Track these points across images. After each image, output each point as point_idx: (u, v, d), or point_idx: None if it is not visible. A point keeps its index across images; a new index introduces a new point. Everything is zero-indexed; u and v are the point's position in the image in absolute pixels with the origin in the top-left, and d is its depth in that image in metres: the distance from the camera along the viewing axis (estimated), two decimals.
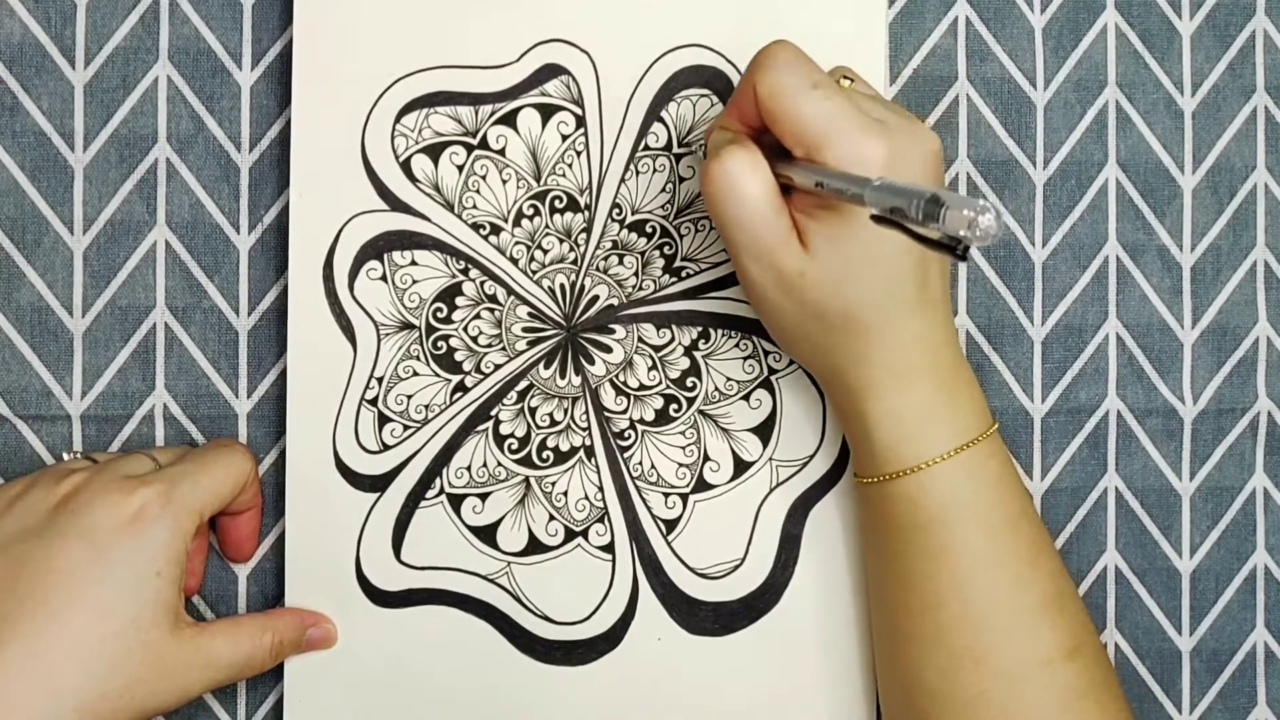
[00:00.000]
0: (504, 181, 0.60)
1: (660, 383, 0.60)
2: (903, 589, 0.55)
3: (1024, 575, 0.54)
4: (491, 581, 0.60)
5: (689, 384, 0.61)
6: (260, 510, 0.59)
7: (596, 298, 0.60)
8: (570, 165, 0.60)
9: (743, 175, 0.51)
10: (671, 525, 0.60)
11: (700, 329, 0.61)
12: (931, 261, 0.53)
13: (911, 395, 0.53)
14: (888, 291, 0.52)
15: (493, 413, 0.60)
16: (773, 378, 0.61)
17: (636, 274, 0.60)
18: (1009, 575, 0.54)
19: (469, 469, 0.60)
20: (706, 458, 0.61)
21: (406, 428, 0.59)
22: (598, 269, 0.60)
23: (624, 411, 0.60)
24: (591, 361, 0.60)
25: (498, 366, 0.60)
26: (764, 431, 0.61)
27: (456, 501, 0.60)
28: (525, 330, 0.60)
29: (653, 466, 0.60)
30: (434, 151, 0.60)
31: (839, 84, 0.53)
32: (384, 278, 0.59)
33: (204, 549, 0.59)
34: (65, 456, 0.59)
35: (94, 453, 0.58)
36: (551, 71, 0.60)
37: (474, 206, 0.60)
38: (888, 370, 0.53)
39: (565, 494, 0.60)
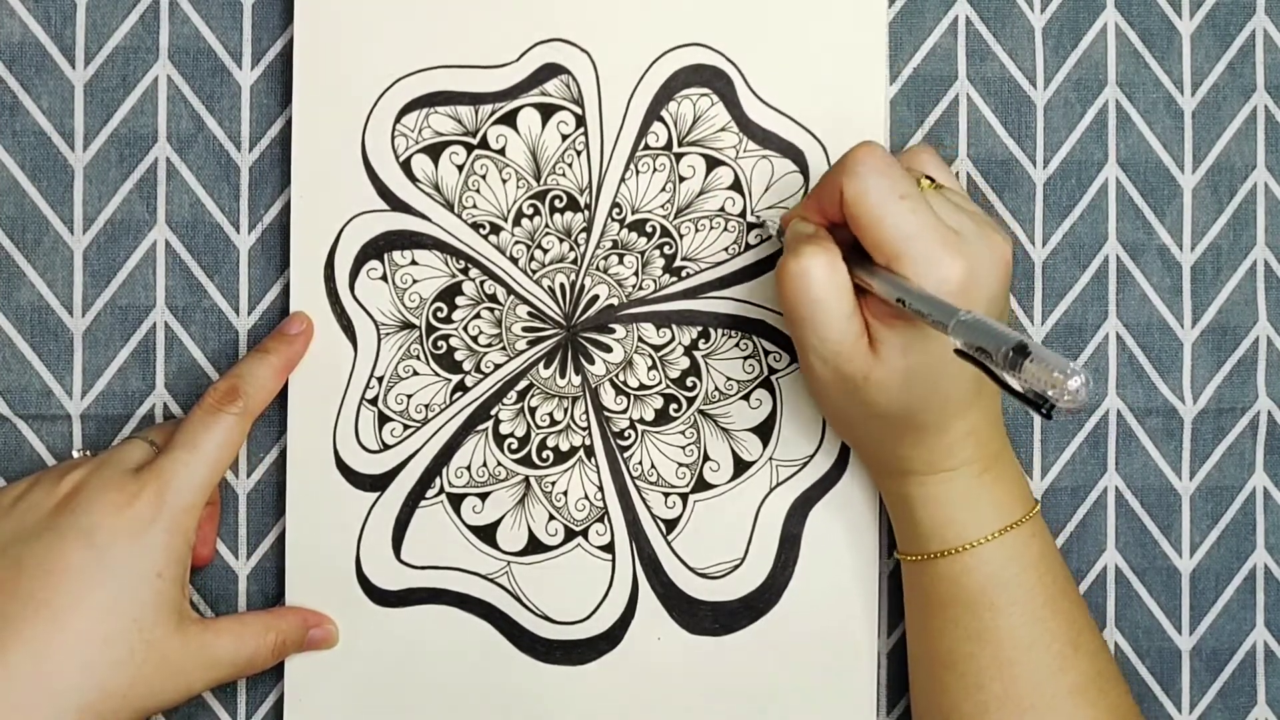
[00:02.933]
0: (504, 181, 0.60)
1: (660, 382, 0.61)
2: (944, 668, 0.55)
3: (1066, 656, 0.54)
4: (491, 581, 0.60)
5: (689, 384, 0.61)
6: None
7: (596, 297, 0.60)
8: (570, 165, 0.60)
9: (820, 278, 0.51)
10: (671, 525, 0.60)
11: (700, 329, 0.61)
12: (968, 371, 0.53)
13: (959, 482, 0.54)
14: (947, 396, 0.53)
15: (493, 412, 0.60)
16: (773, 377, 0.61)
17: (636, 273, 0.60)
18: (1051, 657, 0.54)
19: (469, 468, 0.60)
20: (706, 457, 0.61)
21: (406, 427, 0.60)
22: (598, 268, 0.60)
23: (624, 411, 0.60)
24: (591, 361, 0.60)
25: (498, 366, 0.60)
26: (764, 431, 0.61)
27: (456, 501, 0.60)
28: (525, 330, 0.60)
29: (653, 466, 0.60)
30: (434, 151, 0.60)
31: (920, 186, 0.53)
32: (384, 277, 0.59)
33: (215, 516, 0.59)
34: (74, 454, 0.59)
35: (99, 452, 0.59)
36: (551, 71, 0.60)
37: (474, 206, 0.60)
38: (937, 461, 0.54)
39: (565, 494, 0.60)
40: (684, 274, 0.61)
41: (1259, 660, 0.64)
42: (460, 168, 0.60)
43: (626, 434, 0.60)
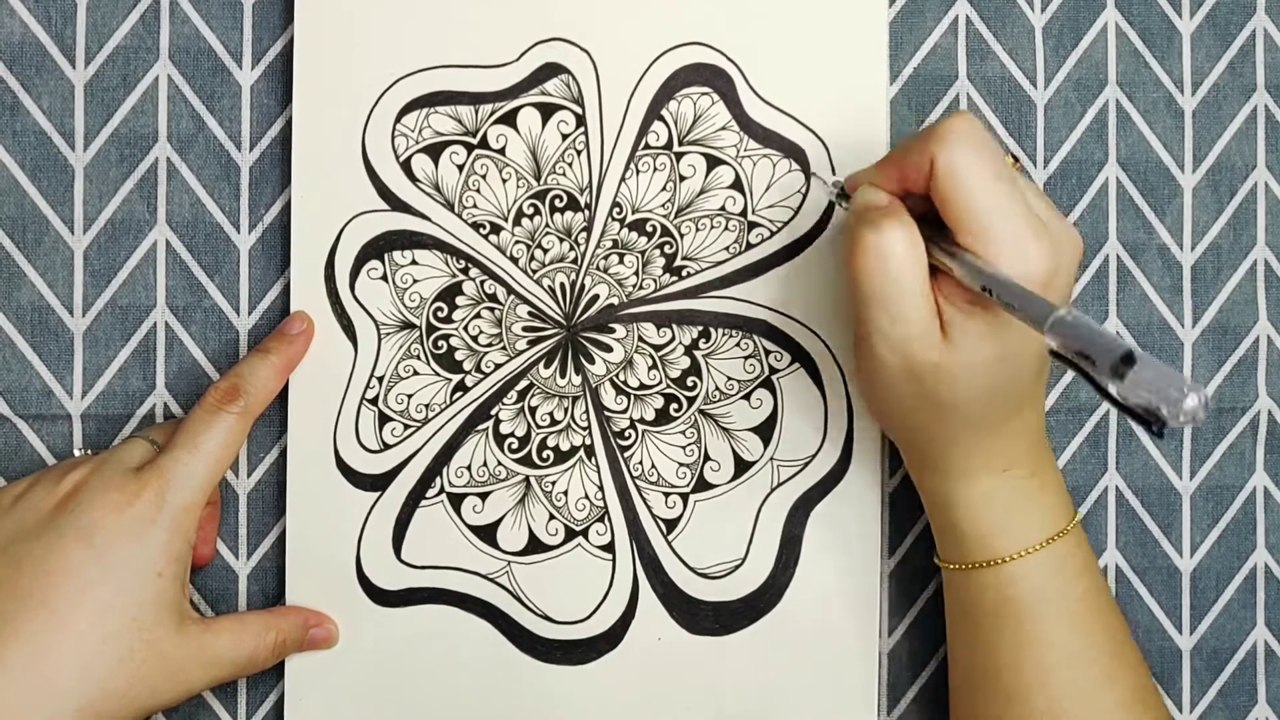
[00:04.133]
0: (504, 181, 0.60)
1: (660, 382, 0.60)
2: (987, 678, 0.54)
3: (1110, 670, 0.53)
4: (492, 581, 0.60)
5: (689, 383, 0.61)
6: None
7: (597, 297, 0.60)
8: (570, 164, 0.60)
9: (900, 255, 0.48)
10: (672, 525, 0.60)
11: (700, 328, 0.61)
12: (1048, 359, 0.51)
13: (1008, 485, 0.53)
14: (1013, 389, 0.51)
15: (493, 412, 0.60)
16: (773, 377, 0.61)
17: (637, 273, 0.60)
18: (1096, 670, 0.53)
19: (469, 468, 0.60)
20: (707, 457, 0.61)
21: (407, 427, 0.60)
22: (598, 268, 0.60)
23: (624, 411, 0.60)
24: (592, 361, 0.60)
25: (498, 366, 0.60)
26: (765, 431, 0.61)
27: (457, 501, 0.60)
28: (525, 329, 0.60)
29: (653, 466, 0.60)
30: (434, 151, 0.60)
31: (1007, 162, 0.50)
32: (384, 277, 0.59)
33: (215, 515, 0.59)
34: (75, 454, 0.59)
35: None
36: (551, 70, 0.60)
37: (474, 206, 0.60)
38: (990, 458, 0.52)
39: (565, 493, 0.60)
40: (684, 273, 0.61)
41: (1259, 659, 0.64)
42: (460, 167, 0.60)
43: (627, 434, 0.60)
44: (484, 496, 0.60)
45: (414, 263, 0.60)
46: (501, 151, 0.60)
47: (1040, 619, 0.53)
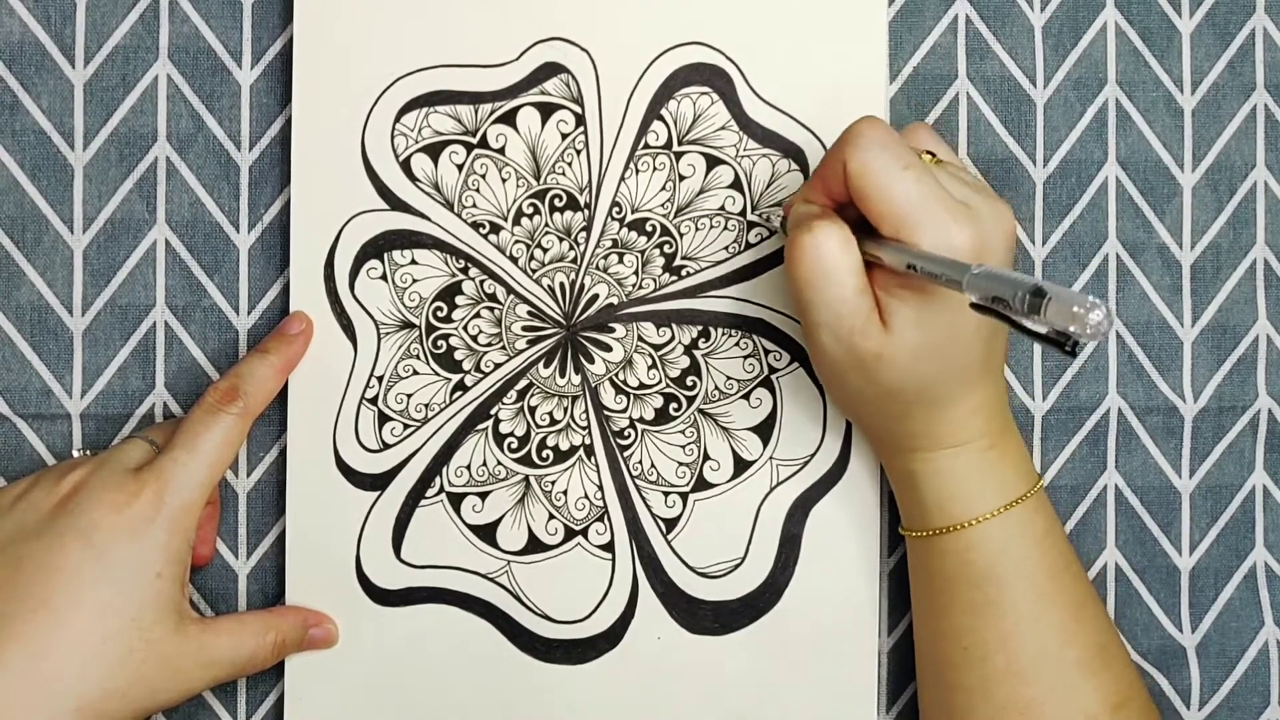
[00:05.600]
0: (504, 180, 0.60)
1: (660, 382, 0.61)
2: (949, 641, 0.55)
3: (1069, 629, 0.55)
4: (491, 580, 0.60)
5: (689, 383, 0.61)
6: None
7: (596, 296, 0.60)
8: (570, 164, 0.60)
9: (833, 251, 0.50)
10: (671, 524, 0.60)
11: (700, 328, 0.61)
12: (999, 334, 0.53)
13: (965, 457, 0.54)
14: (961, 368, 0.52)
15: (492, 411, 0.60)
16: (773, 376, 0.61)
17: (636, 273, 0.60)
18: (1054, 630, 0.54)
19: (469, 468, 0.60)
20: (706, 457, 0.61)
21: (406, 426, 0.60)
22: (597, 268, 0.60)
23: (624, 410, 0.60)
24: (591, 360, 0.60)
25: (497, 365, 0.60)
26: (764, 431, 0.61)
27: (456, 500, 0.60)
28: (525, 329, 0.60)
29: (652, 465, 0.60)
30: (434, 150, 0.60)
31: (923, 157, 0.53)
32: (384, 277, 0.59)
33: (215, 515, 0.59)
34: (74, 454, 0.59)
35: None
36: (551, 70, 0.60)
37: (474, 205, 0.60)
38: (945, 436, 0.54)
39: (565, 493, 0.60)
40: (684, 273, 0.61)
41: (1272, 659, 0.64)
42: (460, 167, 0.60)
43: (626, 433, 0.60)
44: (484, 496, 0.60)
45: (413, 262, 0.60)
46: (501, 151, 0.60)
47: (999, 581, 0.54)
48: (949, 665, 0.56)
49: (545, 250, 0.60)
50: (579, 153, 0.60)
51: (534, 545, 0.60)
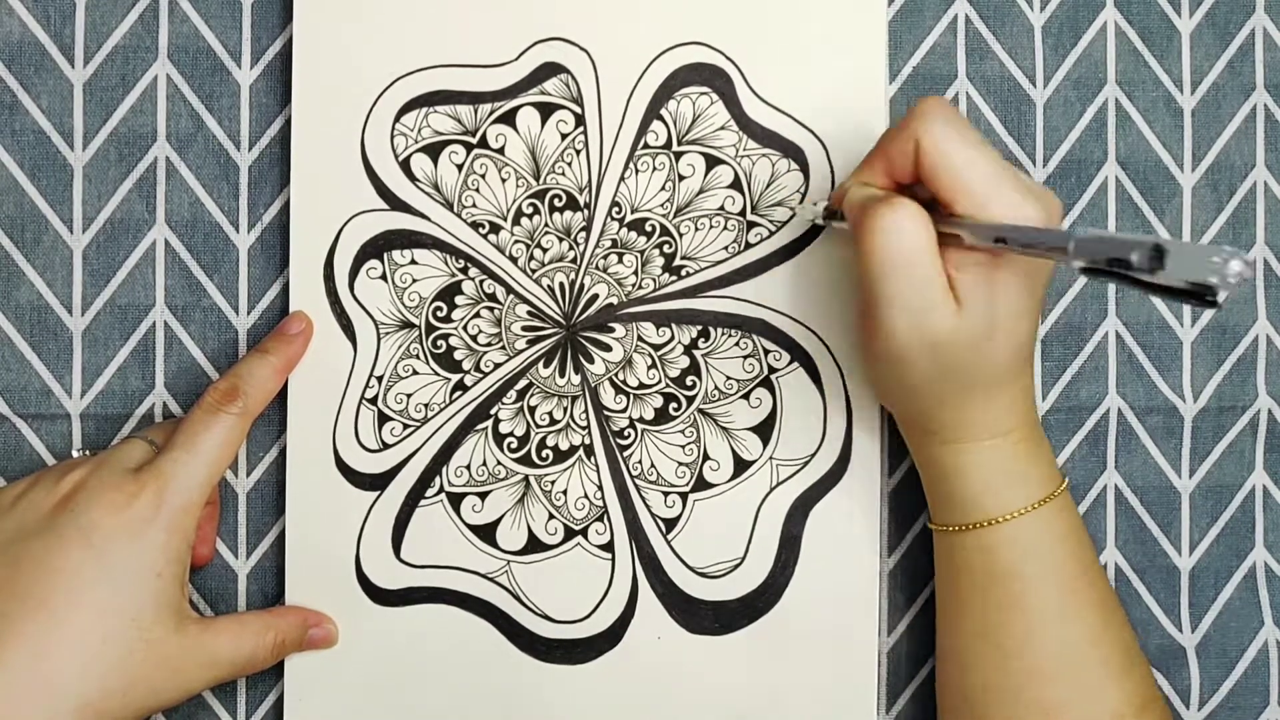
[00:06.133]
0: (503, 180, 0.60)
1: (660, 381, 0.61)
2: (976, 638, 0.55)
3: (1097, 629, 0.54)
4: (491, 580, 0.60)
5: (688, 383, 0.61)
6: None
7: (596, 296, 0.60)
8: (569, 164, 0.60)
9: (913, 230, 0.49)
10: (671, 524, 0.60)
11: (700, 328, 0.61)
12: (1037, 314, 0.53)
13: (1003, 450, 0.54)
14: (1019, 347, 0.52)
15: (492, 411, 0.60)
16: (772, 376, 0.61)
17: (636, 272, 0.60)
18: (1082, 630, 0.54)
19: (469, 468, 0.60)
20: (706, 457, 0.61)
21: (406, 426, 0.60)
22: (597, 268, 0.60)
23: (623, 410, 0.60)
24: (591, 360, 0.60)
25: (497, 365, 0.60)
26: (764, 431, 0.61)
27: (456, 500, 0.60)
28: (525, 329, 0.60)
29: (652, 465, 0.60)
30: (433, 150, 0.60)
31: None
32: (384, 276, 0.59)
33: (214, 515, 0.59)
34: (74, 453, 0.59)
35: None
36: (551, 70, 0.60)
37: (473, 205, 0.60)
38: (992, 424, 0.54)
39: (565, 493, 0.60)
40: (683, 273, 0.61)
41: (1272, 659, 0.64)
42: (460, 167, 0.60)
43: (626, 433, 0.60)
44: (483, 496, 0.60)
45: (413, 262, 0.60)
46: (501, 151, 0.60)
47: (1028, 579, 0.54)
48: (975, 663, 0.55)
49: (545, 250, 0.60)
50: (579, 153, 0.60)
51: (534, 545, 0.60)
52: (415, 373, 0.60)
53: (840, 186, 0.56)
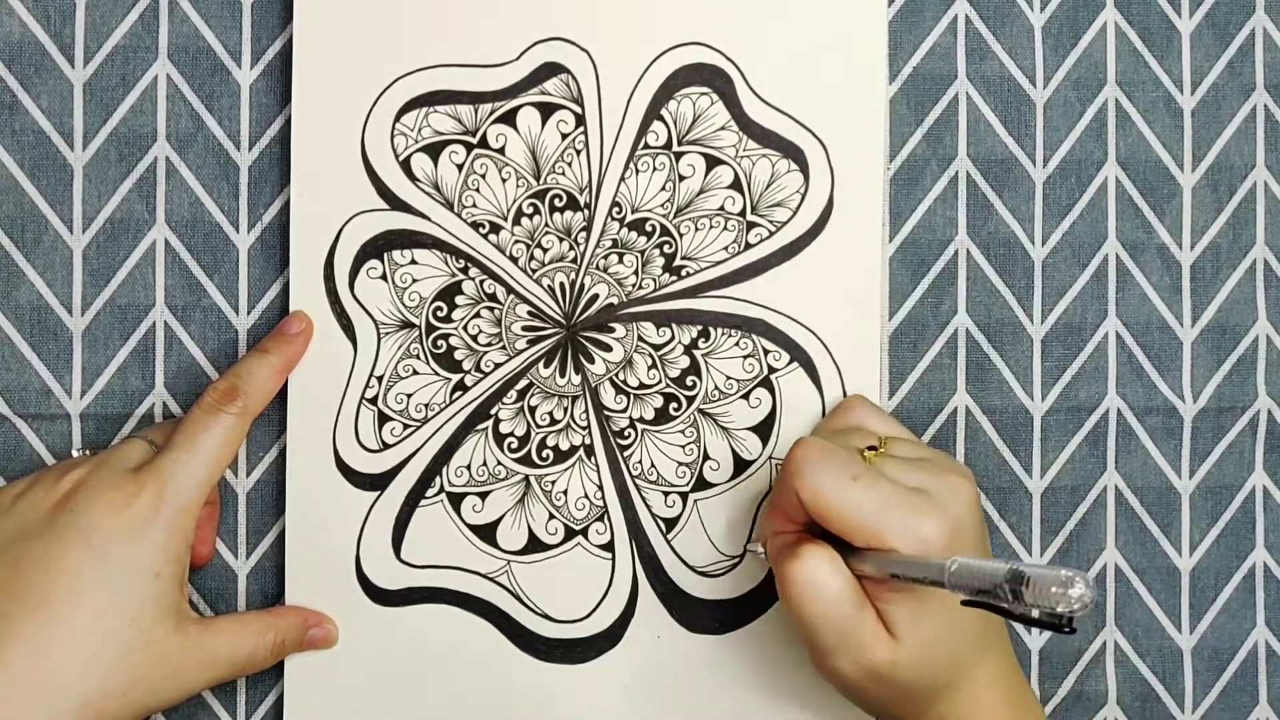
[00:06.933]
0: (504, 180, 0.60)
1: (660, 381, 0.60)
2: None
3: None
4: (491, 580, 0.60)
5: (689, 383, 0.61)
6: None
7: (596, 296, 0.60)
8: (570, 164, 0.60)
9: (825, 578, 0.50)
10: (671, 524, 0.60)
11: (700, 328, 0.61)
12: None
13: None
14: (967, 649, 0.52)
15: (492, 411, 0.60)
16: (772, 376, 0.61)
17: (636, 272, 0.60)
18: None
19: (469, 468, 0.60)
20: (706, 456, 0.61)
21: (406, 426, 0.60)
22: (597, 268, 0.60)
23: (624, 410, 0.60)
24: (591, 360, 0.60)
25: (497, 365, 0.60)
26: (764, 430, 0.61)
27: (456, 500, 0.60)
28: (525, 329, 0.60)
29: (652, 465, 0.60)
30: (434, 150, 0.60)
31: (866, 456, 0.53)
32: (384, 276, 0.59)
33: (214, 515, 0.59)
34: (74, 453, 0.59)
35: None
36: (551, 70, 0.60)
37: (474, 205, 0.60)
38: (965, 716, 0.53)
39: (565, 493, 0.60)
40: (684, 273, 0.61)
41: (1260, 660, 0.64)
42: (460, 167, 0.60)
43: (626, 433, 0.60)
44: (484, 496, 0.60)
45: (413, 262, 0.60)
46: (501, 151, 0.60)
47: None
48: None
49: (545, 250, 0.60)
50: (579, 153, 0.60)
51: (534, 545, 0.60)
52: (415, 373, 0.60)
53: (759, 530, 0.57)
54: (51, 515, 0.53)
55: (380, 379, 0.59)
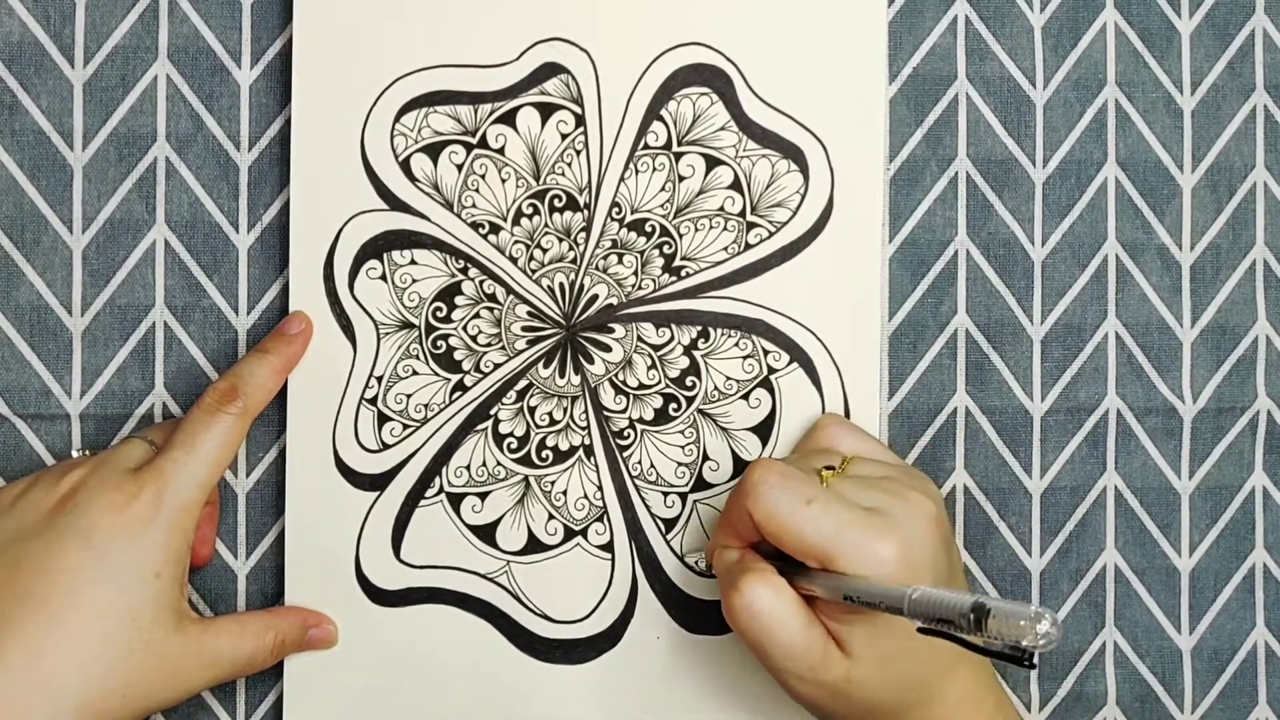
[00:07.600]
0: (503, 180, 0.60)
1: (659, 382, 0.60)
2: None
3: None
4: (491, 580, 0.60)
5: (688, 383, 0.61)
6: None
7: (596, 297, 0.60)
8: (569, 164, 0.60)
9: (768, 604, 0.50)
10: (671, 524, 0.60)
11: (699, 328, 0.61)
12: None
13: None
14: (929, 666, 0.52)
15: (492, 412, 0.60)
16: (772, 377, 0.61)
17: (636, 273, 0.60)
18: None
19: (468, 468, 0.60)
20: (706, 457, 0.61)
21: (406, 427, 0.60)
22: (597, 268, 0.60)
23: (623, 411, 0.60)
24: (591, 361, 0.60)
25: (497, 366, 0.60)
26: (763, 431, 0.61)
27: (456, 500, 0.60)
28: (524, 329, 0.60)
29: (652, 465, 0.60)
30: (433, 150, 0.60)
31: (821, 476, 0.52)
32: (384, 277, 0.59)
33: (214, 515, 0.59)
34: (74, 454, 0.59)
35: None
36: (551, 70, 0.60)
37: (473, 205, 0.60)
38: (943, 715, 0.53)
39: (564, 493, 0.60)
40: (683, 273, 0.61)
41: (1260, 660, 0.64)
42: (459, 167, 0.60)
43: (626, 433, 0.60)
44: (483, 496, 0.60)
45: (413, 262, 0.60)
46: (501, 151, 0.60)
47: None
48: None
49: (545, 250, 0.60)
50: (579, 153, 0.60)
51: (533, 545, 0.60)
52: (415, 373, 0.60)
53: (708, 544, 0.57)
54: (51, 515, 0.53)
55: (380, 379, 0.59)
